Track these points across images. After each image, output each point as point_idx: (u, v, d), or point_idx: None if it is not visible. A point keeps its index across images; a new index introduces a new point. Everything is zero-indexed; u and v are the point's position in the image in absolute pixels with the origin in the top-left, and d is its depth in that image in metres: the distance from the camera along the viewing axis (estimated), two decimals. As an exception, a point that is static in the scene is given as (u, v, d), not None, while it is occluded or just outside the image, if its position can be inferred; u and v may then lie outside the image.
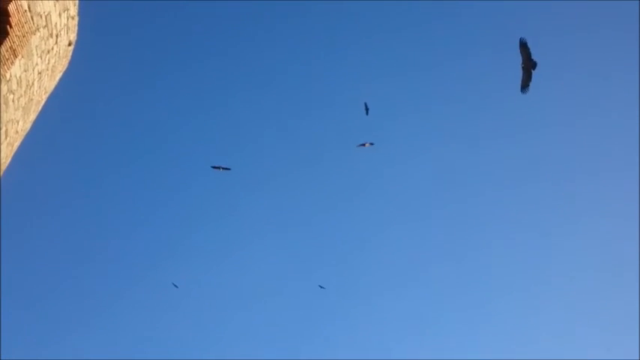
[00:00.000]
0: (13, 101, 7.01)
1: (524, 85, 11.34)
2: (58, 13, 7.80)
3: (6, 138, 7.25)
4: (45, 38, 7.58)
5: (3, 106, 6.72)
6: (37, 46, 7.33)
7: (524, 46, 11.14)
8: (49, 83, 8.63)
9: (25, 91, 7.36)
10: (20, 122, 7.69)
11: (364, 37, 26.99)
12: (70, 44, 8.82)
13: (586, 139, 27.49)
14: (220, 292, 27.12)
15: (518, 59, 11.15)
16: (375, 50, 27.19)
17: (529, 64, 11.19)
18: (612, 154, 27.50)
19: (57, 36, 8.04)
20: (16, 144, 7.96)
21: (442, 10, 26.01)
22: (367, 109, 13.70)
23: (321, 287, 19.54)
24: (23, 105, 7.49)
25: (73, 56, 9.36)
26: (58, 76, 9.09)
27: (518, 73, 11.19)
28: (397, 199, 27.50)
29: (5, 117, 6.92)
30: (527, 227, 28.53)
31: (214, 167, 14.46)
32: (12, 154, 7.96)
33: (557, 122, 27.38)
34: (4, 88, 6.62)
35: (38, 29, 7.22)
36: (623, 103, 25.66)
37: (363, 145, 13.99)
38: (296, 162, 28.53)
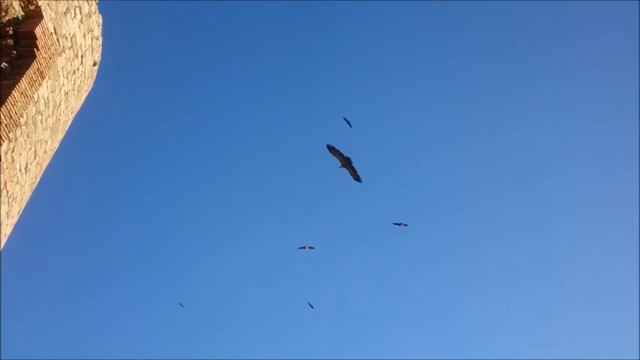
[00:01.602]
0: (41, 122, 7.16)
1: (356, 178, 12.84)
2: (82, 34, 7.98)
3: (35, 158, 7.39)
4: (71, 59, 7.74)
5: (31, 127, 6.86)
6: (63, 67, 7.49)
7: (332, 149, 12.44)
8: (76, 103, 8.80)
9: (52, 112, 7.52)
10: (49, 142, 7.84)
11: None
12: (94, 64, 9.00)
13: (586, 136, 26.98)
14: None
15: (336, 162, 12.65)
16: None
17: (346, 161, 12.61)
18: (612, 152, 26.89)
19: (82, 57, 8.21)
20: (45, 163, 8.12)
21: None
22: (349, 122, 13.86)
23: (311, 306, 18.54)
24: (51, 125, 7.64)
25: (97, 76, 9.55)
26: (84, 95, 9.27)
27: (345, 173, 12.84)
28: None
29: (34, 137, 7.06)
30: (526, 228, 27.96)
31: (300, 248, 15.79)
32: (41, 173, 8.12)
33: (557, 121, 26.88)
34: (33, 109, 6.76)
35: (64, 50, 7.38)
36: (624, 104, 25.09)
37: (399, 224, 14.82)
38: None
